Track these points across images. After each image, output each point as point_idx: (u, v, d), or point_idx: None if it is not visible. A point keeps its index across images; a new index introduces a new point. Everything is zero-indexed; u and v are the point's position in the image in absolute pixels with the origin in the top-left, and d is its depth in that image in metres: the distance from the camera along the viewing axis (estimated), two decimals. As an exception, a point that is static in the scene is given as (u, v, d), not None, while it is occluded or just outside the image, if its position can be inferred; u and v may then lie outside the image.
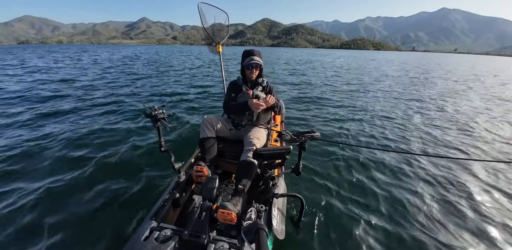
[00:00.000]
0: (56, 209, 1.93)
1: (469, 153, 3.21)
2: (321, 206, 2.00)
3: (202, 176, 1.47)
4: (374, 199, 2.13)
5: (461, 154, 3.17)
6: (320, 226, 1.77)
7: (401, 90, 8.20)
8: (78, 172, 2.46)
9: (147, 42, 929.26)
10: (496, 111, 5.53)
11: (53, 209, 1.93)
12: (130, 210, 1.91)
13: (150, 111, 1.31)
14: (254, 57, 1.76)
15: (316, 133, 1.28)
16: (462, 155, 3.14)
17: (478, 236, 1.76)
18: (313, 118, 4.63)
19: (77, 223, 1.79)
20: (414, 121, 4.58)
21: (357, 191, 2.25)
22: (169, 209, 1.37)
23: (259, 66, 1.80)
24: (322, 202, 2.05)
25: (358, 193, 2.22)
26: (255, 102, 1.61)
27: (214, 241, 1.02)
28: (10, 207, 1.91)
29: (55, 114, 4.33)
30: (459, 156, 3.09)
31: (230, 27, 2.77)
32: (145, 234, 1.06)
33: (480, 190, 2.35)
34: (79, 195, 2.11)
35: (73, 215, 1.88)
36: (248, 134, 1.73)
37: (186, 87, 7.54)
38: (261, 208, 1.27)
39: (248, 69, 1.80)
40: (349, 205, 2.03)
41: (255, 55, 1.78)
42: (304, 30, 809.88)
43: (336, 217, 1.88)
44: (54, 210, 1.91)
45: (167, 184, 1.50)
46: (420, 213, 1.98)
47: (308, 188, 2.24)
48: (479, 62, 37.54)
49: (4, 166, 2.50)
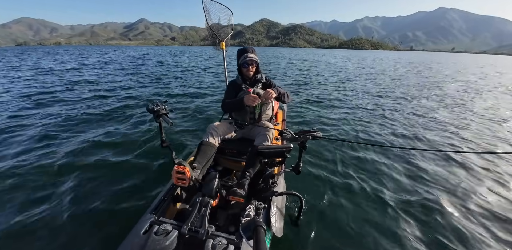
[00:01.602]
0: (54, 203, 1.95)
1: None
2: (320, 205, 2.00)
3: (183, 179, 1.24)
4: (374, 198, 2.13)
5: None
6: (318, 224, 1.78)
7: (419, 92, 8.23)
8: (79, 166, 2.52)
9: (146, 43, 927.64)
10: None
11: (49, 203, 1.95)
12: (130, 204, 1.94)
13: (152, 106, 1.31)
14: (249, 54, 1.75)
15: (317, 132, 1.28)
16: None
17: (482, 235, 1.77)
18: (318, 118, 4.60)
19: (77, 216, 1.81)
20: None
21: (357, 190, 2.25)
22: (169, 204, 1.38)
23: (255, 62, 1.79)
24: (321, 201, 2.06)
25: (358, 192, 2.22)
26: (250, 95, 1.61)
27: (213, 237, 1.03)
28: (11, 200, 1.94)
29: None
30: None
31: (224, 21, 2.71)
32: (144, 228, 1.07)
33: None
34: (80, 189, 2.15)
35: (72, 208, 1.90)
36: (258, 128, 1.76)
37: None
38: (260, 206, 1.28)
39: (244, 67, 1.80)
40: (349, 204, 2.03)
41: (249, 52, 1.78)
42: (302, 30, 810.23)
43: (335, 216, 1.89)
44: (50, 204, 1.94)
45: (167, 179, 1.51)
46: (420, 212, 1.97)
47: (308, 187, 2.24)
48: (481, 61, 37.45)
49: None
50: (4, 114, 4.32)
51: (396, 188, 2.32)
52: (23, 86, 7.15)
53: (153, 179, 2.31)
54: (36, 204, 1.95)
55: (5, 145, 3.03)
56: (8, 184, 2.19)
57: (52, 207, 1.92)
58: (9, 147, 2.97)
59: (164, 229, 1.03)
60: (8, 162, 2.58)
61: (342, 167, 2.67)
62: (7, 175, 2.33)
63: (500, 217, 1.94)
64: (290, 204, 1.95)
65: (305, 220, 1.80)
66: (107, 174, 2.40)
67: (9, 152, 2.84)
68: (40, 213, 1.84)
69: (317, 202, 2.04)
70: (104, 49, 67.66)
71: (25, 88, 6.91)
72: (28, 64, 14.81)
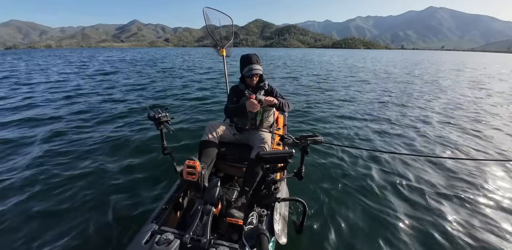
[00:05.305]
0: (53, 212, 1.90)
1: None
2: (324, 211, 1.96)
3: (193, 174, 1.32)
4: (379, 204, 2.08)
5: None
6: (323, 231, 1.74)
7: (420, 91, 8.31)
8: (79, 173, 2.48)
9: (139, 44, 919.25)
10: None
11: (48, 212, 1.90)
12: (131, 213, 1.89)
13: (153, 114, 1.31)
14: (254, 66, 1.68)
15: (318, 137, 1.26)
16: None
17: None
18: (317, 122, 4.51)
19: (77, 226, 1.76)
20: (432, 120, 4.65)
21: (361, 195, 2.21)
22: (170, 213, 1.37)
23: (259, 74, 1.75)
24: (325, 206, 2.02)
25: (362, 197, 2.18)
26: (251, 101, 1.58)
27: (215, 246, 1.01)
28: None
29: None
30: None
31: (224, 29, 2.75)
32: (146, 238, 1.06)
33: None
34: (79, 198, 2.10)
35: (72, 218, 1.85)
36: (256, 136, 1.71)
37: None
38: (262, 213, 1.27)
39: (248, 77, 1.76)
40: (353, 210, 1.99)
41: (253, 63, 1.69)
42: (296, 30, 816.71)
43: (340, 221, 1.85)
44: (49, 213, 1.89)
45: (169, 188, 1.48)
46: (428, 219, 1.91)
47: (311, 193, 2.20)
48: (468, 58, 38.31)
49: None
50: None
51: (402, 193, 2.27)
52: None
53: (154, 187, 2.25)
54: (34, 210, 1.90)
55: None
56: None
57: (51, 216, 1.87)
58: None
59: (166, 238, 1.01)
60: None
61: (345, 172, 2.62)
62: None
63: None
64: (294, 210, 1.91)
65: (309, 226, 1.77)
66: (107, 182, 2.34)
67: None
68: (40, 222, 1.80)
69: (321, 208, 2.00)
70: (110, 50, 66.57)
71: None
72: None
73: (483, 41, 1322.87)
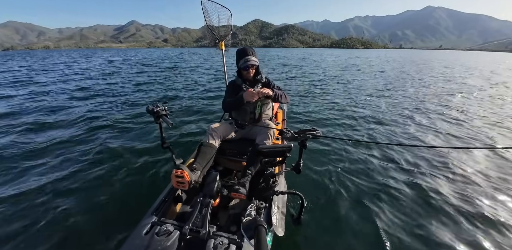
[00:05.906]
0: (54, 205, 1.94)
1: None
2: (321, 204, 2.00)
3: (183, 183, 1.24)
4: (375, 197, 2.12)
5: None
6: (320, 223, 1.78)
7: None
8: (79, 167, 2.53)
9: (137, 45, 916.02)
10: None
11: (49, 205, 1.94)
12: (131, 205, 1.93)
13: (152, 107, 1.31)
14: (249, 58, 1.69)
15: (317, 131, 1.26)
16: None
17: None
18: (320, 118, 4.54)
19: (78, 218, 1.80)
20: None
21: (358, 188, 2.25)
22: (170, 205, 1.38)
23: (255, 65, 1.77)
24: (322, 200, 2.06)
25: (359, 190, 2.22)
26: (250, 90, 1.59)
27: (214, 237, 1.03)
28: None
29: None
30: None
31: (223, 29, 2.75)
32: (146, 229, 1.08)
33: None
34: (80, 190, 2.14)
35: (73, 210, 1.89)
36: (258, 129, 1.76)
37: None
38: (261, 205, 1.28)
39: (244, 70, 1.76)
40: (350, 203, 2.03)
41: (249, 54, 1.71)
42: (295, 30, 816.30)
43: (337, 214, 1.89)
44: (51, 205, 1.93)
45: (168, 180, 1.51)
46: (423, 211, 1.94)
47: (309, 186, 2.24)
48: (467, 59, 38.38)
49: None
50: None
51: (399, 186, 2.30)
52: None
53: (154, 179, 2.31)
54: (36, 204, 1.94)
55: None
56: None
57: (52, 208, 1.90)
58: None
59: (166, 229, 1.04)
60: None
61: (343, 166, 2.67)
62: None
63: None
64: (291, 203, 1.95)
65: (307, 219, 1.80)
66: (108, 175, 2.39)
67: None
68: (41, 214, 1.83)
69: (319, 201, 2.04)
70: (110, 51, 66.19)
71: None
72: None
73: (481, 40, 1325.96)
